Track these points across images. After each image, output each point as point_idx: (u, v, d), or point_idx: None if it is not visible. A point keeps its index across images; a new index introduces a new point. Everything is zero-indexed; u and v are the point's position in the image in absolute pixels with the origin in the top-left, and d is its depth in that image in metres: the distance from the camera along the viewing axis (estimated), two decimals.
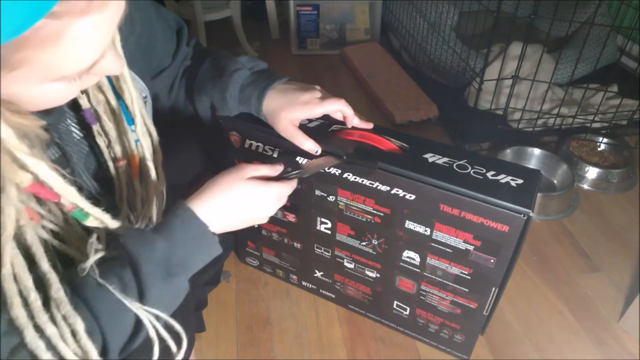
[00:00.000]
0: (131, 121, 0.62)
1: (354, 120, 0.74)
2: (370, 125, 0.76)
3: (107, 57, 0.45)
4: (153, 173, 0.64)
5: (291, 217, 0.89)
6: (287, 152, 0.76)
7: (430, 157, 0.71)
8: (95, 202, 0.54)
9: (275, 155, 0.78)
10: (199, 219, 0.57)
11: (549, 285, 1.07)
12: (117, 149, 0.62)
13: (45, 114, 0.49)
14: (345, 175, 0.74)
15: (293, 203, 0.86)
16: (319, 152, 0.72)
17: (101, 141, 0.61)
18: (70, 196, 0.49)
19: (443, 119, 1.57)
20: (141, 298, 0.50)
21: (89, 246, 0.51)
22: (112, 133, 0.61)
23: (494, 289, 0.74)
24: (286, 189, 0.68)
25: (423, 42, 1.76)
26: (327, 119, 0.76)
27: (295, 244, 0.93)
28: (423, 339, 0.93)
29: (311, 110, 0.70)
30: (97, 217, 0.52)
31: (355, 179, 0.74)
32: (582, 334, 0.97)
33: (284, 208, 0.87)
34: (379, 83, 1.71)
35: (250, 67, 0.74)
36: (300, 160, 0.75)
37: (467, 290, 0.77)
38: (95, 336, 0.47)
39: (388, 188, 0.71)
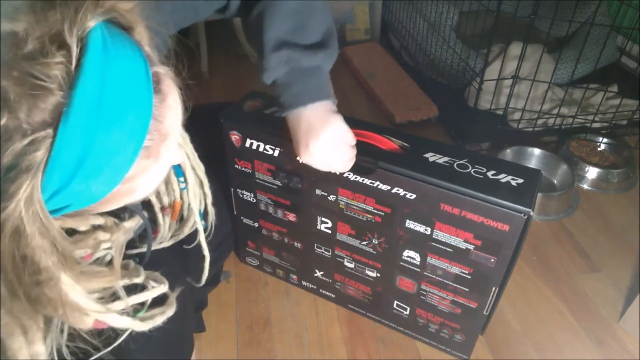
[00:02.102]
0: (180, 173, 0.68)
1: None
2: None
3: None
4: (196, 219, 0.72)
5: (291, 217, 0.88)
6: (288, 151, 0.76)
7: (431, 157, 0.71)
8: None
9: (276, 154, 0.78)
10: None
11: (549, 285, 1.07)
12: (165, 200, 0.69)
13: None
14: (345, 174, 0.74)
15: (293, 202, 0.86)
16: None
17: (153, 196, 0.67)
18: (123, 327, 0.54)
19: (443, 119, 1.57)
20: None
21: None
22: (162, 187, 0.68)
23: (494, 288, 0.74)
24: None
25: (423, 42, 1.76)
26: None
27: (295, 243, 0.93)
28: (423, 339, 0.93)
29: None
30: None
31: (355, 178, 0.74)
32: (582, 334, 0.97)
33: (284, 207, 0.88)
34: (379, 83, 1.71)
35: (286, 61, 0.64)
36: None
37: (467, 289, 0.77)
38: None
39: (389, 187, 0.71)
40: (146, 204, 0.67)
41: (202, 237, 0.73)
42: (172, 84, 0.44)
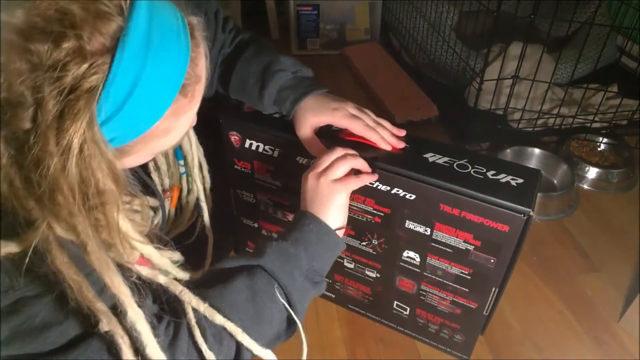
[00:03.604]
0: (180, 156, 0.71)
1: (385, 145, 0.72)
2: (401, 144, 0.73)
3: None
4: (194, 202, 0.74)
5: (291, 217, 0.88)
6: (287, 152, 0.76)
7: (431, 157, 0.71)
8: None
9: (275, 155, 0.78)
10: (330, 229, 0.63)
11: (549, 285, 1.06)
12: (166, 181, 0.71)
13: None
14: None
15: (293, 203, 0.86)
16: None
17: (156, 176, 0.69)
18: (164, 266, 0.57)
19: (443, 119, 1.57)
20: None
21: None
22: (164, 167, 0.70)
23: (494, 288, 0.74)
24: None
25: (423, 42, 1.76)
26: None
27: None
28: (423, 339, 0.93)
29: (336, 119, 0.70)
30: (176, 275, 0.60)
31: None
32: (582, 334, 0.97)
33: (284, 208, 0.88)
34: (379, 83, 1.71)
35: (294, 71, 0.74)
36: (300, 160, 0.75)
37: (467, 290, 0.77)
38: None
39: (388, 188, 0.71)
40: (150, 192, 0.67)
41: (205, 216, 0.74)
42: (202, 35, 0.48)
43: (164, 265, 0.56)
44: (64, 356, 0.43)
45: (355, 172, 0.68)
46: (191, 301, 0.52)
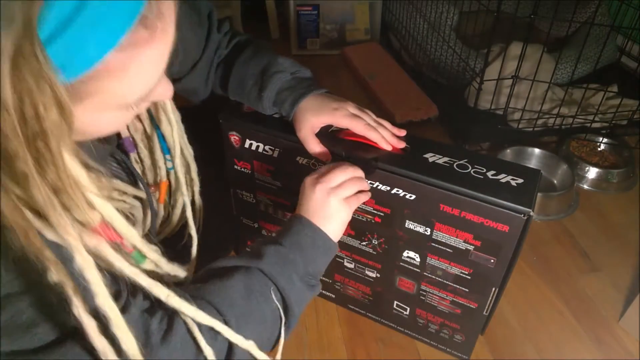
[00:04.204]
0: (167, 150, 0.66)
1: (386, 145, 0.72)
2: (402, 144, 0.73)
3: (161, 82, 0.48)
4: (182, 200, 0.69)
5: None
6: (287, 152, 0.76)
7: (431, 157, 0.71)
8: None
9: (275, 155, 0.78)
10: (326, 234, 0.62)
11: (549, 285, 1.07)
12: (150, 175, 0.67)
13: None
14: None
15: (293, 203, 0.85)
16: (329, 159, 0.72)
17: (138, 168, 0.65)
18: (132, 239, 0.50)
19: (443, 119, 1.57)
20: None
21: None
22: (147, 160, 0.66)
23: (494, 289, 0.74)
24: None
25: (423, 42, 1.76)
26: None
27: None
28: (423, 339, 0.93)
29: (337, 119, 0.70)
30: (153, 261, 0.55)
31: None
32: (582, 334, 0.97)
33: (284, 208, 0.88)
34: (379, 83, 1.71)
35: (293, 72, 0.74)
36: (300, 160, 0.75)
37: (467, 290, 0.77)
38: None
39: (388, 188, 0.71)
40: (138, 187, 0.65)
41: (188, 213, 0.69)
42: None
43: (131, 238, 0.50)
44: (51, 353, 0.43)
45: None
46: (180, 306, 0.50)
